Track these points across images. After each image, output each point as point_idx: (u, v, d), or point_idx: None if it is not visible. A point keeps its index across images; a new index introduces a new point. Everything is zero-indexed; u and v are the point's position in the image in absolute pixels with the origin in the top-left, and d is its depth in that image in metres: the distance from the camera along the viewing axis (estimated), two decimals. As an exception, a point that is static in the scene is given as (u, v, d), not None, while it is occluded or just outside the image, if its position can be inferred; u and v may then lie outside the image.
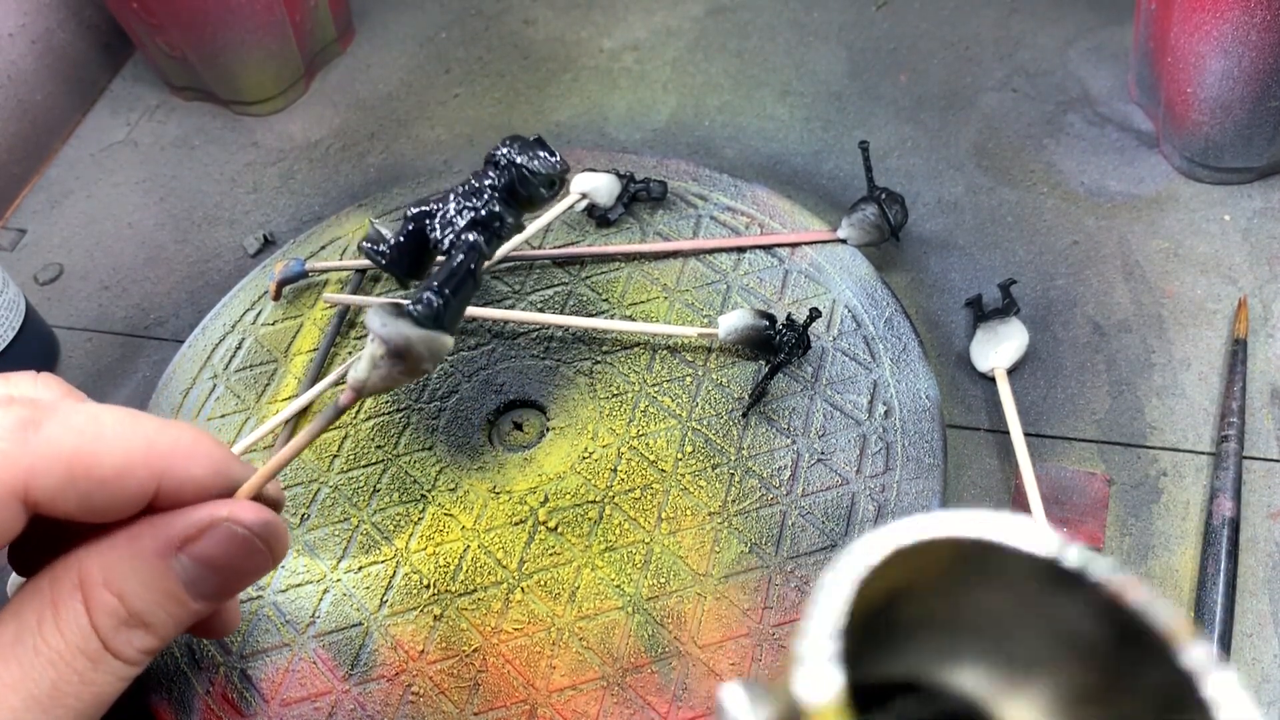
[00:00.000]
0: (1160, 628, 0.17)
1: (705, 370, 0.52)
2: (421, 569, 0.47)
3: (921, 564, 0.18)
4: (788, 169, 0.64)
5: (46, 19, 0.74)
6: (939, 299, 0.56)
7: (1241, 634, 0.43)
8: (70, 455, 0.26)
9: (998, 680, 0.21)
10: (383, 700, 0.44)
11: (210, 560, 0.27)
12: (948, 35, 0.70)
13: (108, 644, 0.26)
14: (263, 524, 0.28)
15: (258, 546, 0.28)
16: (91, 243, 0.68)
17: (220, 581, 0.28)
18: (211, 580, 0.28)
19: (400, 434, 0.52)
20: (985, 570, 0.19)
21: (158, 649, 0.28)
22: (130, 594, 0.26)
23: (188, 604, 0.27)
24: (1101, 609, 0.17)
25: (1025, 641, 0.20)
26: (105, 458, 0.26)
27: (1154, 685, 0.17)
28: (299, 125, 0.72)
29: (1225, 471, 0.47)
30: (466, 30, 0.77)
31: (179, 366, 0.57)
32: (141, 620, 0.27)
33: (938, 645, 0.21)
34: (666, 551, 0.46)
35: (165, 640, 0.28)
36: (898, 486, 0.47)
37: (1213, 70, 0.54)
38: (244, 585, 0.29)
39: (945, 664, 0.21)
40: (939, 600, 0.20)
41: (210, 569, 0.27)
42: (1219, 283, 0.54)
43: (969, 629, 0.20)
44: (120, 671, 0.26)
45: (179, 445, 0.28)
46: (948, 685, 0.21)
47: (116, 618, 0.26)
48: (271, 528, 0.29)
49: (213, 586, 0.28)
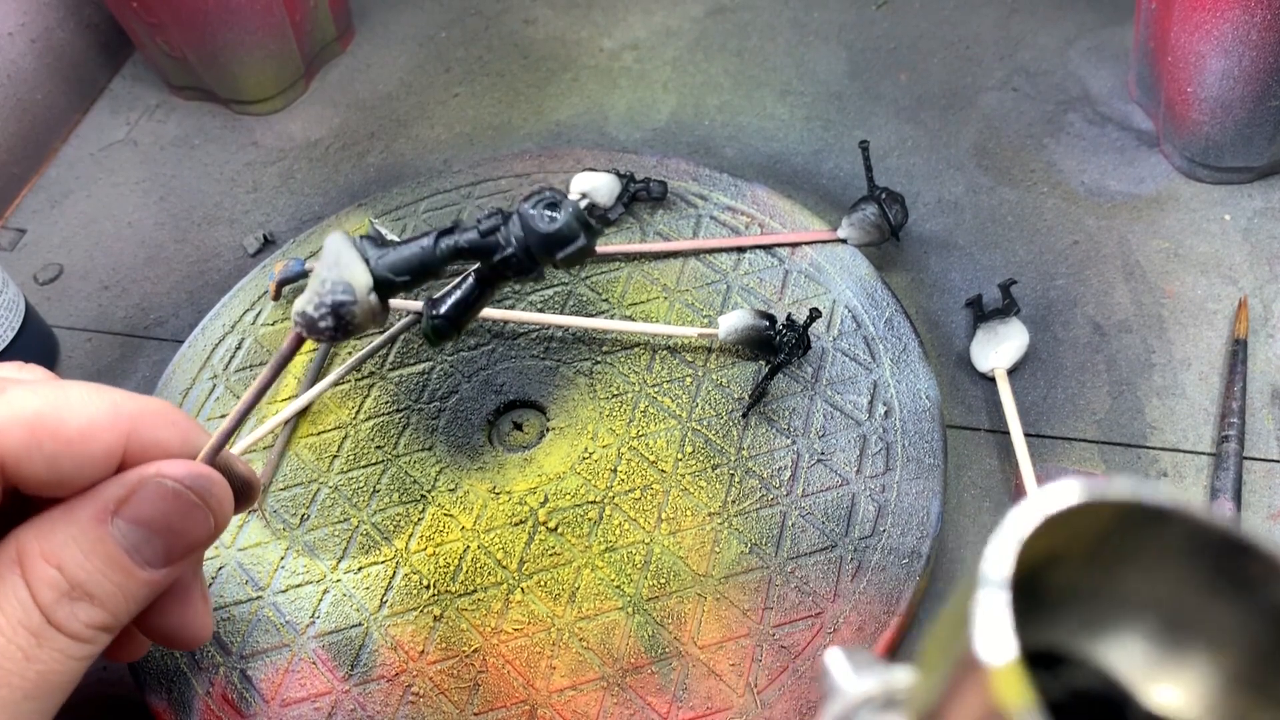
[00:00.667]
0: None
1: (705, 370, 0.52)
2: (421, 569, 0.47)
3: (1078, 530, 0.17)
4: (788, 169, 0.64)
5: (46, 18, 0.74)
6: (939, 299, 0.56)
7: (1242, 634, 0.43)
8: (33, 416, 0.26)
9: (1149, 659, 0.20)
10: (383, 701, 0.44)
11: (145, 520, 0.26)
12: (948, 35, 0.70)
13: (50, 617, 0.25)
14: (193, 477, 0.27)
15: (191, 500, 0.27)
16: (91, 243, 0.68)
17: (163, 544, 0.27)
18: (153, 543, 0.27)
19: (400, 434, 0.52)
20: (1146, 540, 0.18)
21: (110, 625, 0.26)
22: (69, 563, 0.25)
23: (133, 571, 0.26)
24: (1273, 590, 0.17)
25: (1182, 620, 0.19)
26: (70, 419, 0.26)
27: None
28: (299, 125, 0.72)
29: (1225, 472, 0.47)
30: (466, 30, 0.77)
31: (179, 366, 0.57)
32: (85, 591, 0.26)
33: (1086, 617, 0.20)
34: (667, 552, 0.46)
35: (117, 615, 0.26)
36: (898, 487, 0.47)
37: (1213, 70, 0.54)
38: (189, 548, 0.28)
39: (1093, 637, 0.20)
40: (1092, 570, 0.19)
41: (148, 529, 0.27)
42: (1219, 283, 0.54)
43: (1122, 602, 0.19)
44: (69, 649, 0.25)
45: (145, 410, 0.28)
46: (1093, 660, 0.20)
47: (57, 590, 0.25)
48: (204, 481, 0.28)
49: (157, 550, 0.27)
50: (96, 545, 0.26)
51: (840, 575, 0.45)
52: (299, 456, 0.52)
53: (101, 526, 0.26)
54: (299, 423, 0.53)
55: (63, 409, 0.26)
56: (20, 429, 0.25)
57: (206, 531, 0.28)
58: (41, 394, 0.26)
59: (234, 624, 0.47)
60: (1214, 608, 0.18)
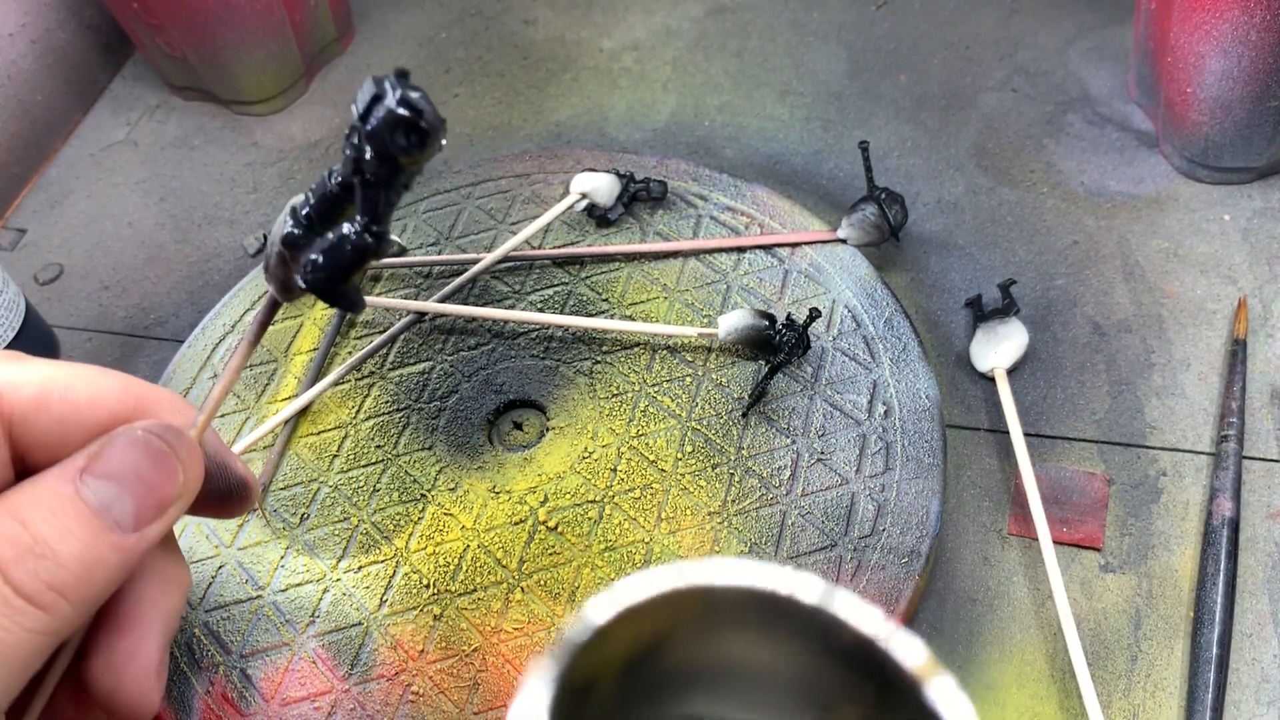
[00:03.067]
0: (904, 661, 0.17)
1: (705, 370, 0.52)
2: (421, 568, 0.47)
3: (673, 614, 0.19)
4: (788, 169, 0.64)
5: (46, 19, 0.74)
6: (939, 299, 0.56)
7: (1241, 634, 0.43)
8: (44, 379, 0.25)
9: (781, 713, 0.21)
10: (382, 700, 0.44)
11: (114, 473, 0.25)
12: (948, 35, 0.70)
13: (8, 575, 0.23)
14: (162, 428, 0.26)
15: (160, 448, 0.26)
16: (91, 243, 0.68)
17: (135, 499, 0.26)
18: (122, 500, 0.25)
19: (400, 434, 0.52)
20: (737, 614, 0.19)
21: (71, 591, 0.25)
22: (34, 519, 0.24)
23: (101, 531, 0.25)
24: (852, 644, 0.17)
25: (787, 681, 0.20)
26: (79, 384, 0.26)
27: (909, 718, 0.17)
28: (299, 125, 0.72)
29: (1225, 471, 0.47)
30: (466, 30, 0.77)
31: (179, 366, 0.57)
32: (49, 547, 0.24)
33: (709, 689, 0.21)
34: (666, 551, 0.46)
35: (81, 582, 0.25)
36: (897, 486, 0.47)
37: (1212, 70, 0.54)
38: (159, 505, 0.26)
39: (719, 706, 0.21)
40: (700, 646, 0.20)
41: (117, 483, 0.25)
42: (1219, 283, 0.54)
43: (735, 672, 0.20)
44: (25, 617, 0.24)
45: (154, 393, 0.28)
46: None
47: (18, 545, 0.24)
48: (174, 433, 0.27)
49: (126, 509, 0.25)
50: (65, 503, 0.25)
51: (840, 574, 0.45)
52: (299, 456, 0.52)
53: (70, 484, 0.25)
54: (299, 422, 0.53)
55: (73, 376, 0.26)
56: (31, 387, 0.25)
57: (176, 486, 0.27)
58: (48, 364, 0.26)
59: (234, 623, 0.47)
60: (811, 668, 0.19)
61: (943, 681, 0.16)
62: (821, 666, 0.19)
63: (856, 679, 0.18)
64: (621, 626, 0.18)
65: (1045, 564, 0.44)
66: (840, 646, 0.18)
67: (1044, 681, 0.43)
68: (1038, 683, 0.43)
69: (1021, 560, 0.47)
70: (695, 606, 0.19)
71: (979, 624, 0.45)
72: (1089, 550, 0.46)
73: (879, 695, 0.18)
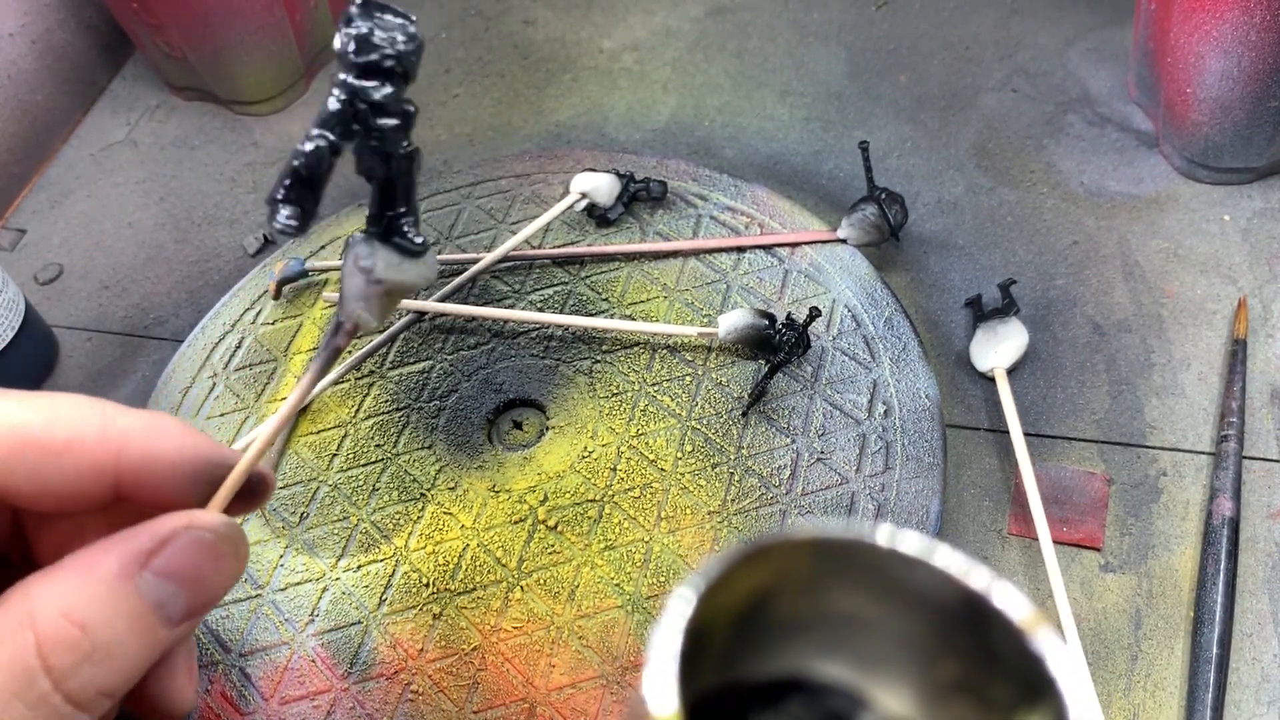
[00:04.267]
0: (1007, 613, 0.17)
1: (705, 370, 0.52)
2: (421, 567, 0.47)
3: (782, 567, 0.19)
4: (788, 169, 0.64)
5: (46, 19, 0.74)
6: (939, 299, 0.56)
7: (1241, 634, 0.43)
8: (16, 425, 0.24)
9: (873, 674, 0.21)
10: (382, 698, 0.44)
11: (176, 572, 0.25)
12: (948, 35, 0.70)
13: (61, 684, 0.22)
14: (226, 525, 0.26)
15: (224, 550, 0.26)
16: (91, 243, 0.68)
17: (189, 597, 0.25)
18: (180, 597, 0.25)
19: (400, 433, 0.52)
20: (844, 568, 0.19)
21: (117, 693, 0.24)
22: (93, 622, 0.23)
23: (156, 630, 0.24)
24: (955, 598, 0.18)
25: (892, 635, 0.21)
26: (56, 429, 0.24)
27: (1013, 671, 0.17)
28: (299, 125, 0.72)
29: (1225, 471, 0.47)
30: (466, 30, 0.77)
31: (178, 366, 0.57)
32: (106, 653, 0.23)
33: (816, 642, 0.22)
34: (666, 550, 0.46)
35: (128, 681, 0.24)
36: (897, 486, 0.47)
37: (1212, 70, 0.54)
38: (210, 602, 0.26)
39: (824, 660, 0.22)
40: (807, 599, 0.20)
41: (179, 582, 0.25)
42: (1219, 283, 0.54)
43: (840, 626, 0.21)
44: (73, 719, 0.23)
45: (140, 424, 0.26)
46: (829, 681, 0.22)
47: (78, 653, 0.23)
48: (237, 530, 0.26)
49: (181, 605, 0.25)
50: (123, 602, 0.24)
51: (840, 574, 0.45)
52: (299, 455, 0.52)
53: (129, 582, 0.24)
54: (299, 421, 0.53)
55: (49, 419, 0.24)
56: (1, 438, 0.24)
57: (232, 582, 0.26)
58: (26, 403, 0.25)
59: (233, 622, 0.47)
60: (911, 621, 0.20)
61: (1047, 632, 0.17)
62: (924, 621, 0.19)
63: (959, 633, 0.19)
64: (736, 577, 0.18)
65: (1045, 564, 0.44)
66: (942, 601, 0.18)
67: (1044, 681, 0.43)
68: (1038, 682, 0.43)
69: (1021, 560, 0.47)
70: (804, 560, 0.19)
71: (979, 623, 0.45)
72: (1089, 550, 0.46)
73: (981, 648, 0.18)
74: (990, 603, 0.17)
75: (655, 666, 0.17)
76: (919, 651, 0.20)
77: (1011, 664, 0.17)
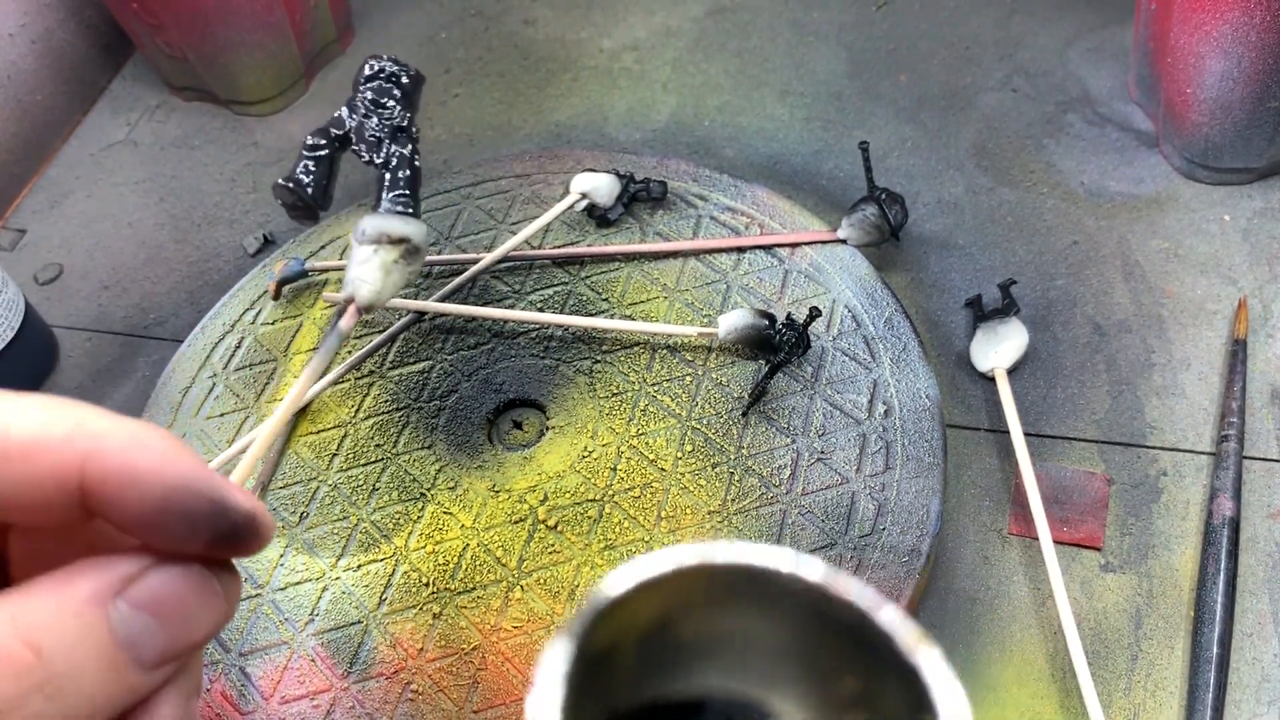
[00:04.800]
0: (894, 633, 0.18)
1: (705, 370, 0.52)
2: (421, 567, 0.47)
3: (679, 591, 0.20)
4: (788, 169, 0.64)
5: (46, 19, 0.74)
6: (939, 299, 0.56)
7: (1241, 634, 0.43)
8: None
9: (777, 691, 0.22)
10: (381, 698, 0.44)
11: (153, 604, 0.22)
12: (948, 35, 0.70)
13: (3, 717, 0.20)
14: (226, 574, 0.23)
15: (213, 588, 0.23)
16: (91, 243, 0.68)
17: (168, 637, 0.22)
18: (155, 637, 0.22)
19: (400, 432, 0.52)
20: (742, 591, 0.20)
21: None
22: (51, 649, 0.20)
23: (124, 670, 0.22)
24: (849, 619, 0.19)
25: (793, 654, 0.21)
26: (15, 431, 0.22)
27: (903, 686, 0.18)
28: (299, 125, 0.72)
29: (1225, 471, 0.47)
30: (466, 30, 0.77)
31: (178, 366, 0.57)
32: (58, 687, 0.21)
33: (722, 662, 0.22)
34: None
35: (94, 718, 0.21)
36: (897, 485, 0.47)
37: (1212, 70, 0.54)
38: (191, 646, 0.23)
39: (732, 679, 0.23)
40: (709, 622, 0.21)
41: (155, 618, 0.22)
42: (1219, 283, 0.54)
43: (744, 646, 0.22)
44: None
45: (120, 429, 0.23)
46: (737, 698, 0.23)
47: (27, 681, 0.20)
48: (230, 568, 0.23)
49: (158, 644, 0.22)
50: (89, 632, 0.21)
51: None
52: (298, 454, 0.52)
53: (99, 609, 0.21)
54: (299, 421, 0.53)
55: (8, 419, 0.22)
56: None
57: (217, 626, 0.23)
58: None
59: (233, 621, 0.47)
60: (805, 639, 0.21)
61: (928, 650, 0.18)
62: (821, 640, 0.20)
63: (854, 651, 0.20)
64: (636, 600, 0.19)
65: (1045, 563, 0.44)
66: (837, 621, 0.19)
67: (1044, 681, 0.43)
68: (1038, 682, 0.43)
69: (1022, 560, 0.47)
70: (702, 583, 0.20)
71: (979, 623, 0.45)
72: (1089, 550, 0.46)
73: (874, 665, 0.19)
74: (878, 624, 0.19)
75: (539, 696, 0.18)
76: (818, 669, 0.21)
77: (900, 679, 0.19)
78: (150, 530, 0.22)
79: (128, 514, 0.22)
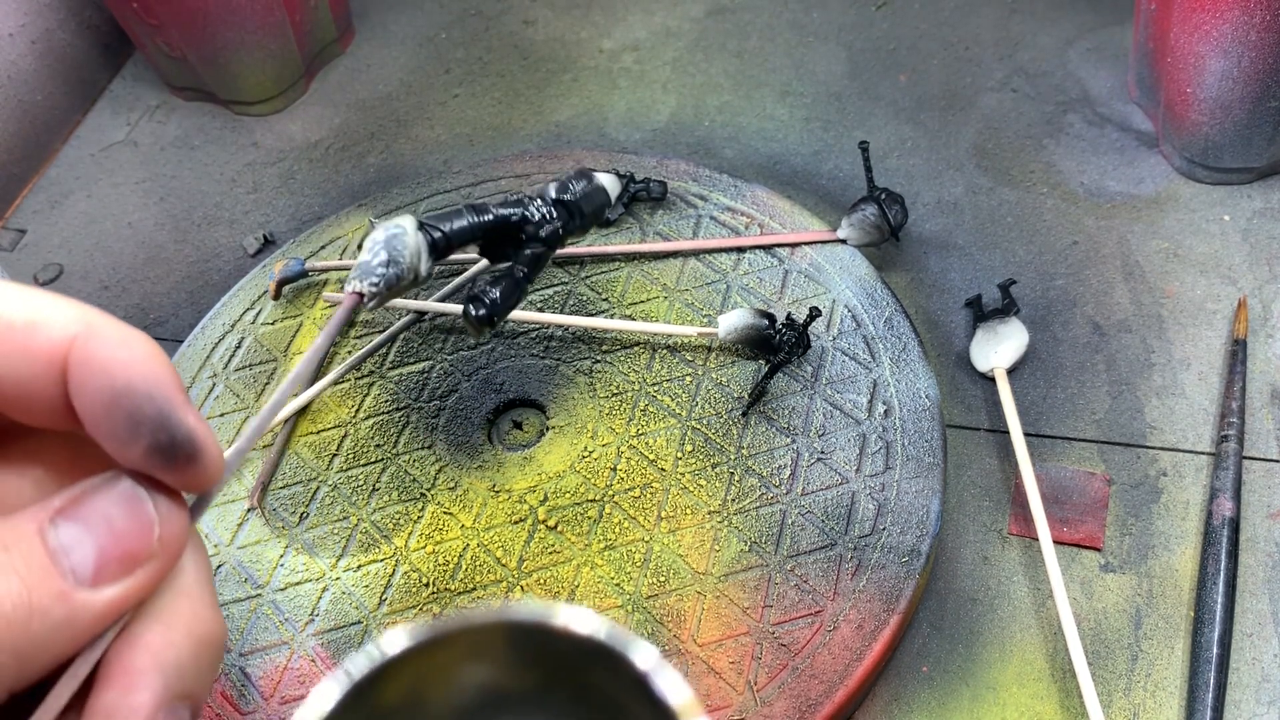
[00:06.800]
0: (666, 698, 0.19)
1: (705, 370, 0.52)
2: (421, 567, 0.47)
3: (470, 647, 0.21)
4: (788, 169, 0.64)
5: (46, 19, 0.74)
6: (939, 299, 0.56)
7: (1241, 634, 0.43)
8: None
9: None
10: (382, 699, 0.44)
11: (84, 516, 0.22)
12: (948, 35, 0.70)
13: None
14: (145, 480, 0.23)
15: (141, 501, 0.23)
16: (91, 243, 0.68)
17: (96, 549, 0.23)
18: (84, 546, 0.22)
19: (400, 433, 0.52)
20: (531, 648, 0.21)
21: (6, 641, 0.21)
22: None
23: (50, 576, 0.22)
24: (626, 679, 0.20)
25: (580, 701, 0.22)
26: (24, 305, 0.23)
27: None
28: (299, 125, 0.72)
29: (1225, 471, 0.47)
30: (466, 30, 0.77)
31: (178, 365, 0.57)
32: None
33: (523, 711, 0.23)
34: (666, 550, 0.46)
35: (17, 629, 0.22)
36: (897, 485, 0.47)
37: (1212, 70, 0.54)
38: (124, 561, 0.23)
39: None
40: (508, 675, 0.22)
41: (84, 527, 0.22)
42: (1219, 283, 0.54)
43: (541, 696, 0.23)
44: None
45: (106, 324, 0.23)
46: None
47: None
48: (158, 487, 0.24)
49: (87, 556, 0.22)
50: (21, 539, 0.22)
51: (840, 573, 0.45)
52: (298, 455, 0.52)
53: (35, 522, 0.22)
54: (298, 421, 0.53)
55: (19, 301, 0.22)
56: None
57: (148, 543, 0.23)
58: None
59: (233, 621, 0.47)
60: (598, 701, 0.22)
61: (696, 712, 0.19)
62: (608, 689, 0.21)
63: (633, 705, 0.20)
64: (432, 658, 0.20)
65: (1045, 564, 0.44)
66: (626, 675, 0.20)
67: (1044, 681, 0.43)
68: (1038, 682, 0.43)
69: (1022, 560, 0.47)
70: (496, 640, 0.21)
71: (979, 623, 0.45)
72: (1089, 550, 0.46)
73: None
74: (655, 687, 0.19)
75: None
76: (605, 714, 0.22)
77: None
78: (98, 427, 0.23)
79: (85, 402, 0.23)
